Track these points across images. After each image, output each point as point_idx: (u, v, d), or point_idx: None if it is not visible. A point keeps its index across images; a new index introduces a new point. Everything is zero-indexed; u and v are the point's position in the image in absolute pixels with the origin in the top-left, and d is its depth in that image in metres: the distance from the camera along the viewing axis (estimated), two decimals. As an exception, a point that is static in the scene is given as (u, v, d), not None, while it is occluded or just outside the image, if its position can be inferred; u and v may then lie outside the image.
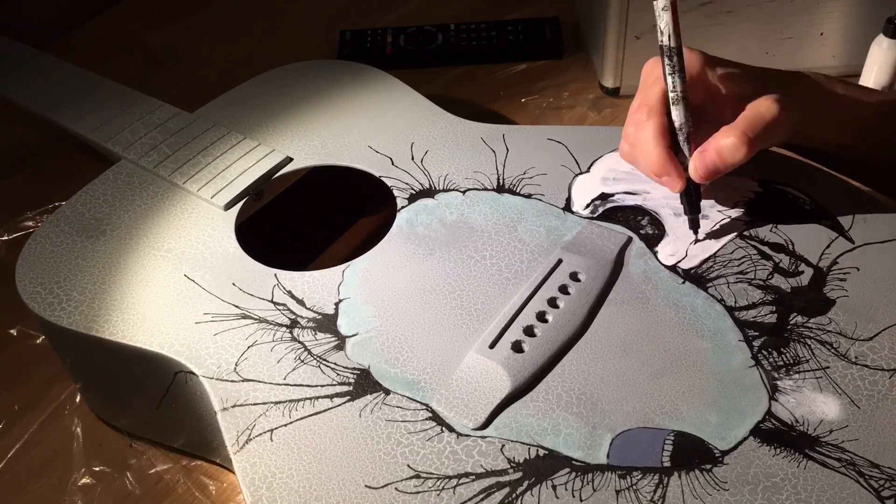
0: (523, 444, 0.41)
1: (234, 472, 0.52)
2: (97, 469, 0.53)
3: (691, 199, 0.50)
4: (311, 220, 0.65)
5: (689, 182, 0.50)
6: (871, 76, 0.68)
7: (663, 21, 0.48)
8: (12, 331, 0.62)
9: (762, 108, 0.49)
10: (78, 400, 0.57)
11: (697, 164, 0.49)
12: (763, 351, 0.45)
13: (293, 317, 0.48)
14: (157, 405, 0.50)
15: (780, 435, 0.41)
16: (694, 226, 0.51)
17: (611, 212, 0.53)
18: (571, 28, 0.87)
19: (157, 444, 0.54)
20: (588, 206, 0.54)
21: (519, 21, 0.88)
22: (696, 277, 0.49)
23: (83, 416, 0.56)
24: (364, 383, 0.45)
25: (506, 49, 0.85)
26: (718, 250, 0.50)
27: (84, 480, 0.53)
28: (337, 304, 0.49)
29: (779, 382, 0.43)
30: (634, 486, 0.39)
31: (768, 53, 0.74)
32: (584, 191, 0.55)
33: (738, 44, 0.74)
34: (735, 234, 0.51)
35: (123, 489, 0.52)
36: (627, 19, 0.72)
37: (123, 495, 0.52)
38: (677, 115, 0.49)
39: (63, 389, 0.58)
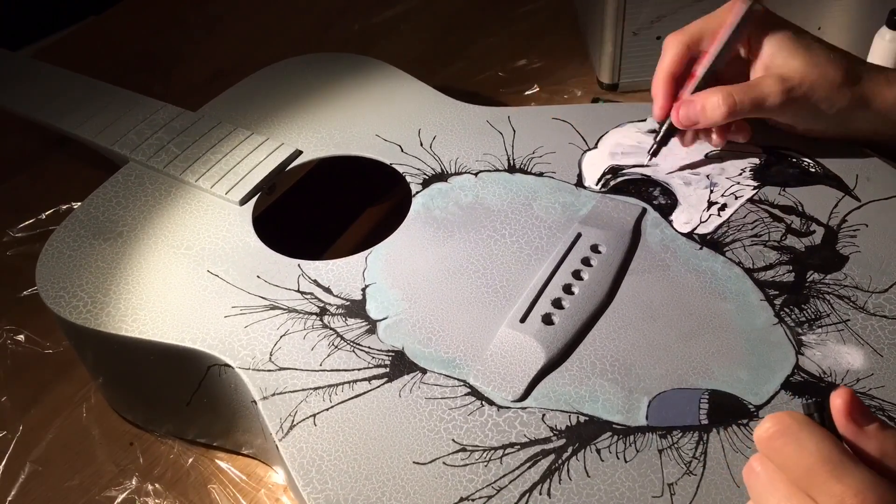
0: (563, 412, 0.42)
1: (264, 463, 0.52)
2: (119, 469, 0.53)
3: (666, 131, 0.54)
4: (319, 212, 0.65)
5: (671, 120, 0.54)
6: None
7: None
8: (20, 336, 0.62)
9: (765, 84, 0.51)
10: (93, 401, 0.57)
11: (680, 110, 0.52)
12: (785, 308, 0.46)
13: (321, 304, 0.49)
14: (188, 401, 0.50)
15: (810, 387, 0.42)
16: (654, 152, 0.55)
17: (622, 185, 0.55)
18: (570, 24, 0.88)
19: (180, 441, 0.54)
20: (600, 180, 0.55)
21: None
22: (713, 242, 0.50)
23: (99, 417, 0.56)
24: (400, 364, 0.45)
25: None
26: (731, 215, 0.52)
27: (107, 482, 0.53)
28: (364, 290, 0.49)
29: (803, 337, 0.45)
30: (676, 445, 0.41)
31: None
32: (594, 166, 0.56)
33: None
34: (745, 199, 0.52)
35: (148, 485, 0.52)
36: (625, 15, 0.73)
37: (146, 491, 0.52)
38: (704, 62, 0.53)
39: (76, 391, 0.58)
